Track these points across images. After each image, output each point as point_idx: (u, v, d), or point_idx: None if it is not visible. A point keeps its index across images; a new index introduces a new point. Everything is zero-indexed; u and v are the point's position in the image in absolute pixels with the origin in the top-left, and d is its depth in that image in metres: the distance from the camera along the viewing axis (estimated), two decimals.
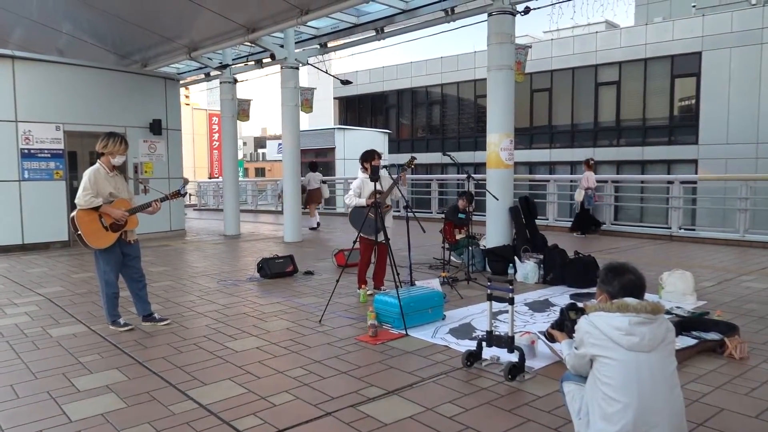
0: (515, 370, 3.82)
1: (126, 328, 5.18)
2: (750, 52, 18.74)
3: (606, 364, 2.50)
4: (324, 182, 15.20)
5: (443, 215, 8.72)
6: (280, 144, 21.27)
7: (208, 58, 13.10)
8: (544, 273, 7.18)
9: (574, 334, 2.75)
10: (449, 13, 9.27)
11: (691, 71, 20.05)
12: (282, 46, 11.66)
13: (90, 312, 5.91)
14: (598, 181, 12.19)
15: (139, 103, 12.53)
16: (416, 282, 6.22)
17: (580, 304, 4.42)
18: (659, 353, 2.49)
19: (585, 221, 11.85)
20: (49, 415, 3.40)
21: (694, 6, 24.53)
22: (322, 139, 24.38)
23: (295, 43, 11.87)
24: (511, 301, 3.94)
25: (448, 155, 7.68)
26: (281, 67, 11.81)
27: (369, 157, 6.14)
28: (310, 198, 14.70)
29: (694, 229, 12.47)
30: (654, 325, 2.50)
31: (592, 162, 12.23)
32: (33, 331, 5.25)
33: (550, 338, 3.86)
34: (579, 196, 11.85)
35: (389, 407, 3.45)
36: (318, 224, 14.33)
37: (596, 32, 22.74)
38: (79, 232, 4.95)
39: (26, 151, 10.78)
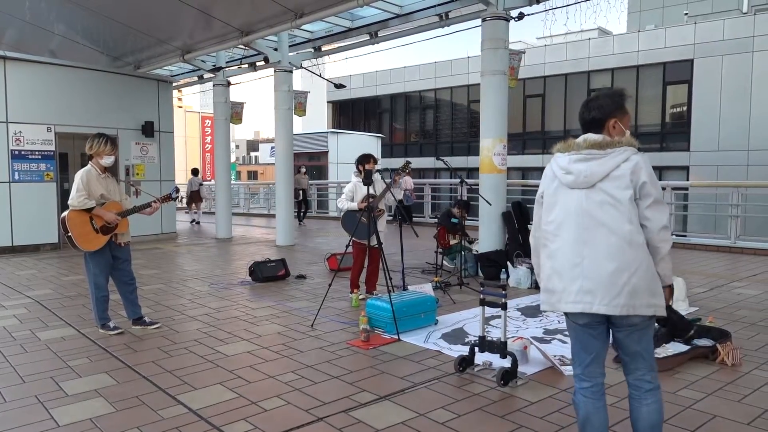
0: (508, 376, 3.81)
1: (116, 332, 5.13)
2: (741, 60, 18.89)
3: (549, 204, 2.57)
4: (201, 184, 18.21)
5: (436, 220, 8.70)
6: (272, 147, 21.24)
7: (202, 61, 13.06)
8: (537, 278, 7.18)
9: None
10: (443, 18, 9.30)
11: (683, 78, 20.18)
12: (276, 50, 11.64)
13: (79, 315, 5.86)
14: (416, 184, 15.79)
15: (132, 105, 12.47)
16: (409, 286, 6.21)
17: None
18: (599, 189, 2.41)
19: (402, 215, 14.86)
20: (37, 420, 3.35)
21: (686, 14, 24.74)
22: (316, 143, 24.38)
23: (289, 46, 11.86)
24: (504, 307, 3.94)
25: (442, 160, 7.67)
26: (275, 71, 11.77)
27: (365, 161, 6.15)
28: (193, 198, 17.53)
29: (685, 236, 12.51)
30: (597, 161, 2.43)
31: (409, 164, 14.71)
32: (21, 334, 5.19)
33: None
34: (399, 195, 14.75)
35: (381, 413, 3.43)
36: (197, 222, 17.27)
37: (589, 39, 22.86)
38: (69, 234, 4.92)
39: (17, 152, 10.70)
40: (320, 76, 13.54)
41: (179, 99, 51.85)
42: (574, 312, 2.50)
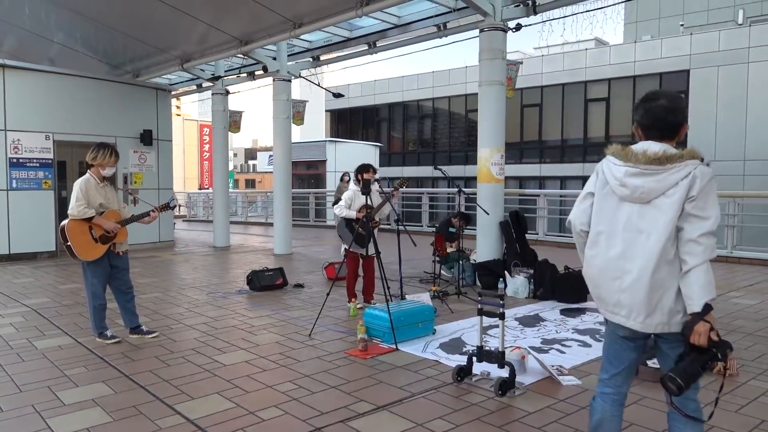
0: (505, 386, 3.81)
1: (113, 341, 5.12)
2: (737, 70, 19.03)
3: (597, 209, 2.45)
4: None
5: (434, 228, 8.72)
6: (271, 156, 21.25)
7: (201, 70, 13.11)
8: (534, 288, 7.20)
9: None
10: (441, 28, 9.35)
11: (680, 89, 20.28)
12: (275, 59, 11.69)
13: (76, 324, 5.84)
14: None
15: (130, 114, 12.50)
16: (407, 296, 6.21)
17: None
18: (654, 206, 2.29)
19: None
20: (34, 430, 3.34)
21: (681, 25, 24.93)
22: (314, 152, 24.40)
23: (288, 55, 11.92)
24: (502, 316, 3.94)
25: (440, 169, 7.69)
26: (273, 80, 11.82)
27: (364, 170, 6.18)
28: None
29: None
30: (655, 177, 2.27)
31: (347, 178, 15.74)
32: (18, 342, 5.18)
33: None
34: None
35: (379, 423, 3.43)
36: None
37: (586, 49, 23.00)
38: (68, 243, 4.92)
39: (15, 160, 10.70)
40: (319, 86, 13.60)
41: (178, 107, 52.01)
42: (612, 321, 2.45)
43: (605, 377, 2.54)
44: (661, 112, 2.38)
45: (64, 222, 4.99)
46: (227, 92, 13.51)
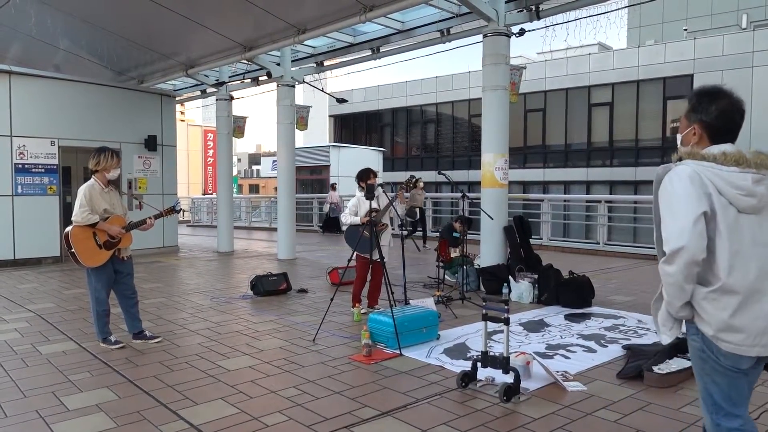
0: (510, 392, 3.79)
1: (117, 346, 5.12)
2: (741, 75, 19.00)
3: (724, 228, 2.04)
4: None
5: (438, 233, 8.72)
6: (274, 161, 21.29)
7: (205, 75, 13.16)
8: (539, 293, 7.17)
9: (662, 200, 2.13)
10: (445, 33, 9.37)
11: (683, 93, 20.26)
12: (278, 64, 11.73)
13: (81, 329, 5.85)
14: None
15: (135, 119, 12.56)
16: (411, 301, 6.20)
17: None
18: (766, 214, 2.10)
19: (330, 224, 17.82)
20: None
21: (685, 29, 24.93)
22: (317, 157, 24.47)
23: (292, 61, 11.95)
24: (506, 322, 3.93)
25: (443, 174, 7.70)
26: (277, 85, 11.86)
27: (365, 176, 6.17)
28: None
29: None
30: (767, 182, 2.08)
31: (335, 184, 18.62)
32: (22, 348, 5.19)
33: None
34: (326, 208, 18.44)
35: (383, 428, 3.41)
36: None
37: (589, 54, 23.02)
38: (72, 250, 4.92)
39: (20, 165, 10.75)
40: (322, 91, 13.62)
41: (182, 113, 52.22)
42: (745, 356, 2.10)
43: (740, 422, 2.23)
44: (737, 114, 2.15)
45: (68, 229, 4.99)
46: (231, 98, 13.55)
